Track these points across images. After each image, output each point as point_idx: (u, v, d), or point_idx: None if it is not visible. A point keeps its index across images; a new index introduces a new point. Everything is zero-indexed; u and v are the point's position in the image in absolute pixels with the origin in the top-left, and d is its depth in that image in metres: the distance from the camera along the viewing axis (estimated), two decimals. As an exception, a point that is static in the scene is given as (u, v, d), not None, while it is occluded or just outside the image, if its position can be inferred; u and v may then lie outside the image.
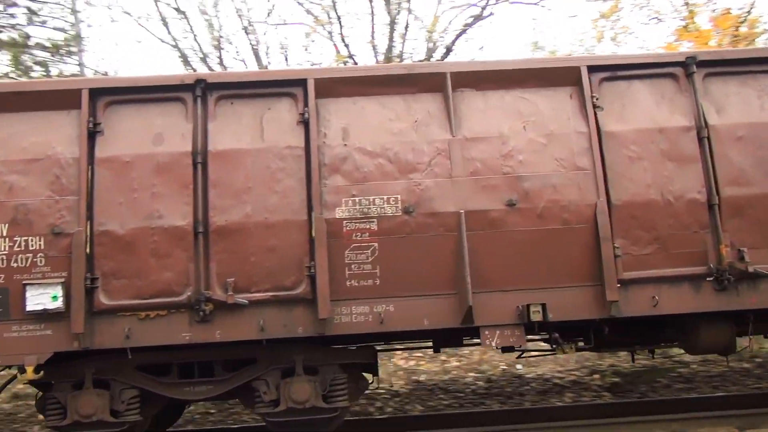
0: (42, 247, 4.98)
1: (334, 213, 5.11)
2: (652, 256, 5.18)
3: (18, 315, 4.91)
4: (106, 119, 5.27)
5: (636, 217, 5.20)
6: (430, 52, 14.75)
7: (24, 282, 4.91)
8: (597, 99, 5.38)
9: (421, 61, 14.17)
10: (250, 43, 15.50)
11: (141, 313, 5.00)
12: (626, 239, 5.18)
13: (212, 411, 7.54)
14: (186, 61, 15.63)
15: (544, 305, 5.07)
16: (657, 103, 5.43)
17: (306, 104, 5.28)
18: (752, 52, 5.77)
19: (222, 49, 15.57)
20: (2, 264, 4.96)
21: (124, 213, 5.08)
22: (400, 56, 14.64)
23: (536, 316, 5.05)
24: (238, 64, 15.85)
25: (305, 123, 5.25)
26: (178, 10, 15.40)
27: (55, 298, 4.93)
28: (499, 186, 5.19)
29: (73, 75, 14.95)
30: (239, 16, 15.37)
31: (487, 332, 5.13)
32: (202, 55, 15.50)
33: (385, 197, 5.15)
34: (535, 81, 5.46)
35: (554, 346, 5.38)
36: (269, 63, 15.60)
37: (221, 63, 15.77)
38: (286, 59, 15.90)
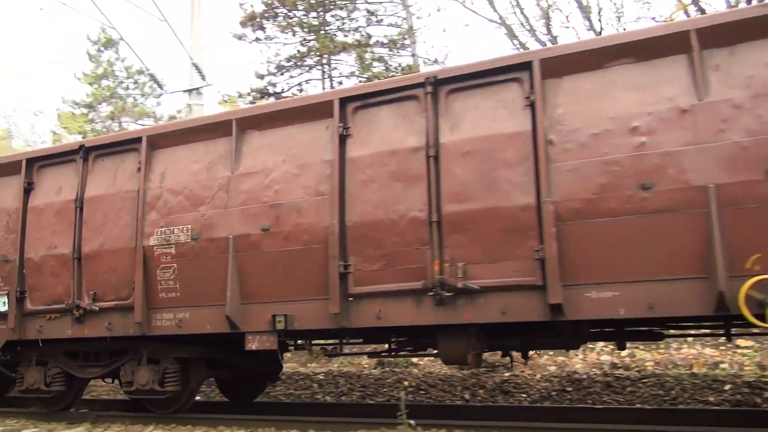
0: (-1, 269, 7.49)
1: (149, 241, 6.61)
2: (379, 272, 5.57)
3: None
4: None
5: (366, 236, 5.63)
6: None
7: (-13, 293, 7.47)
8: (347, 128, 5.89)
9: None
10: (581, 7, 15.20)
11: (47, 315, 7.17)
12: (358, 257, 5.66)
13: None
14: (512, 35, 16.45)
15: (286, 316, 5.88)
16: (396, 126, 5.71)
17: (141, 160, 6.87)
18: (490, 63, 5.47)
19: (550, 19, 15.95)
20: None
21: (37, 245, 7.31)
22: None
23: (280, 325, 5.89)
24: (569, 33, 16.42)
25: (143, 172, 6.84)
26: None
27: (3, 303, 7.39)
28: (259, 213, 6.11)
29: (406, 69, 16.95)
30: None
31: (249, 337, 6.13)
32: (529, 28, 16.23)
33: (180, 227, 6.47)
34: (301, 117, 6.19)
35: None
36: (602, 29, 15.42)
37: (549, 33, 16.24)
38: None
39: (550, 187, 5.00)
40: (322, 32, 17.35)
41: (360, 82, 17.12)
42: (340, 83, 17.89)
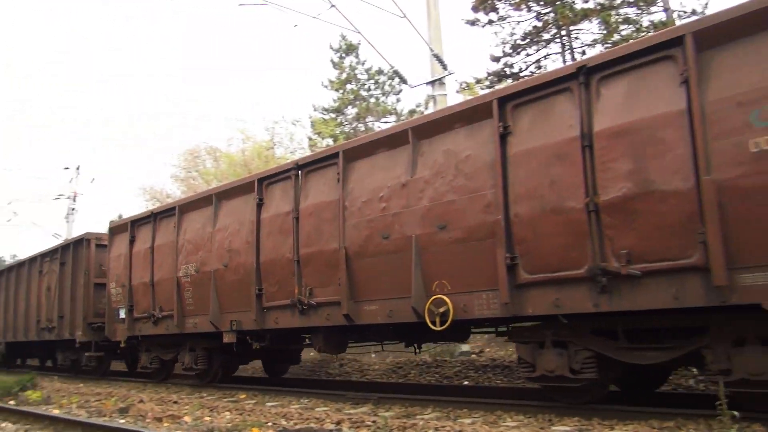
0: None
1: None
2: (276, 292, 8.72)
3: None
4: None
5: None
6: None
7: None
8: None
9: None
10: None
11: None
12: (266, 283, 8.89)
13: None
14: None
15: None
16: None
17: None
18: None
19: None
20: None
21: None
22: None
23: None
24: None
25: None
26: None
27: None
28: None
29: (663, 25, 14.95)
30: None
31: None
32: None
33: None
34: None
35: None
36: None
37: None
38: None
39: (344, 237, 7.69)
40: (559, 2, 16.47)
41: (605, 49, 15.44)
42: (583, 53, 17.06)
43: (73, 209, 29.14)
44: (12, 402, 10.29)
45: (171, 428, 6.69)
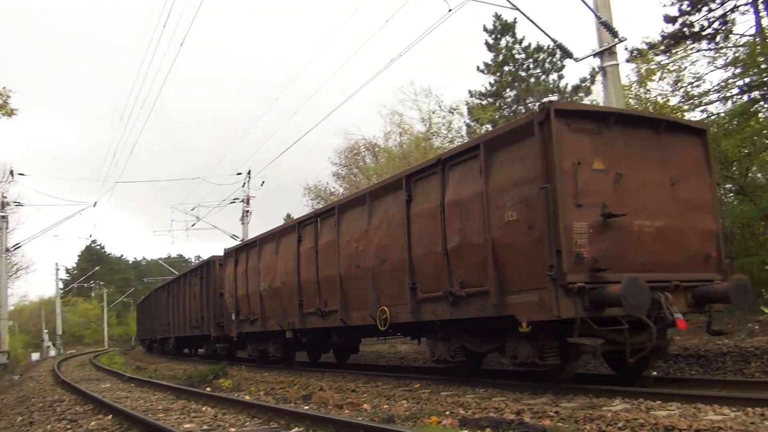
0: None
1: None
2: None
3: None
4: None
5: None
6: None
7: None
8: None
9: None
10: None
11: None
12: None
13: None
14: None
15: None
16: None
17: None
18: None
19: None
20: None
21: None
22: None
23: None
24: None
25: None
26: None
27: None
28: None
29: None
30: None
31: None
32: None
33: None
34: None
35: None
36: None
37: None
38: None
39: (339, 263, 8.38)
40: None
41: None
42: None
43: (247, 212, 29.88)
44: (208, 389, 11.26)
45: (353, 415, 6.90)
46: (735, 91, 15.58)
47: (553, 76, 26.54)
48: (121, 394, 11.64)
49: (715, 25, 15.47)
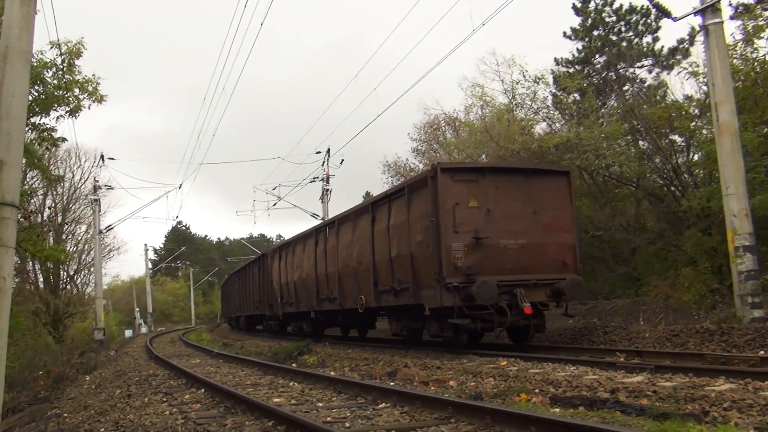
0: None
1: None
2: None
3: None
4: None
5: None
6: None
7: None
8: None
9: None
10: None
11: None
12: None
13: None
14: None
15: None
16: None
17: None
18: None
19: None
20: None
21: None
22: None
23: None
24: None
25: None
26: None
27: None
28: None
29: None
30: None
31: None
32: None
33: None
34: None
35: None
36: None
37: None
38: None
39: (338, 262, 10.23)
40: None
41: None
42: None
43: (327, 190, 29.90)
44: (294, 365, 11.93)
45: (438, 392, 7.01)
46: None
47: (648, 39, 23.81)
48: (211, 369, 12.43)
49: None
